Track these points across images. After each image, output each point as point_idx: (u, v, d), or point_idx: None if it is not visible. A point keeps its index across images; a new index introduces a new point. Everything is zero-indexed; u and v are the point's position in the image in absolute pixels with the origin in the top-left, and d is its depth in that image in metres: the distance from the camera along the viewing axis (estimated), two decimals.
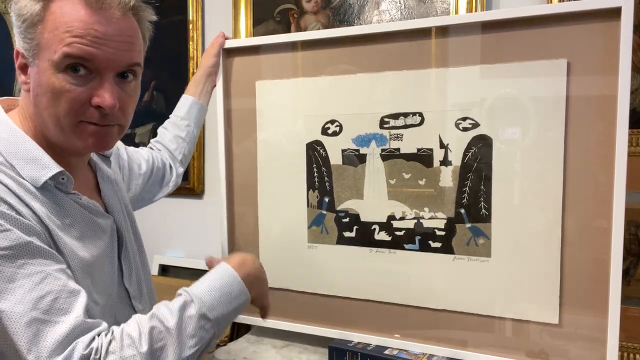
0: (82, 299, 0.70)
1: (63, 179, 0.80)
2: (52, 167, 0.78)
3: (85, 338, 0.68)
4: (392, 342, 1.19)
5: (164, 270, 1.71)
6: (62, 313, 0.68)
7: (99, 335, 0.69)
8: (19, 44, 0.76)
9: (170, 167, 1.23)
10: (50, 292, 0.68)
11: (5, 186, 0.73)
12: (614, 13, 0.96)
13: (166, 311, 0.73)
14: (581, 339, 1.04)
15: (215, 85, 1.32)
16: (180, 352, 0.71)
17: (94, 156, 0.94)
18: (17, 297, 0.66)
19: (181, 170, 1.26)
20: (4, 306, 0.66)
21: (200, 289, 0.77)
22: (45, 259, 0.70)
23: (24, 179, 0.76)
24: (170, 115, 1.28)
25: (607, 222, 0.99)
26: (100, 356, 0.67)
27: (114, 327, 0.72)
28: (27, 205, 0.74)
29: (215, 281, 0.79)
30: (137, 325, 0.71)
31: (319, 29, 1.46)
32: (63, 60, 0.72)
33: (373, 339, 1.21)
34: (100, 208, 0.88)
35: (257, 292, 0.88)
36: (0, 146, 0.77)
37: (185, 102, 1.27)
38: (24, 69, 0.77)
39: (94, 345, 0.67)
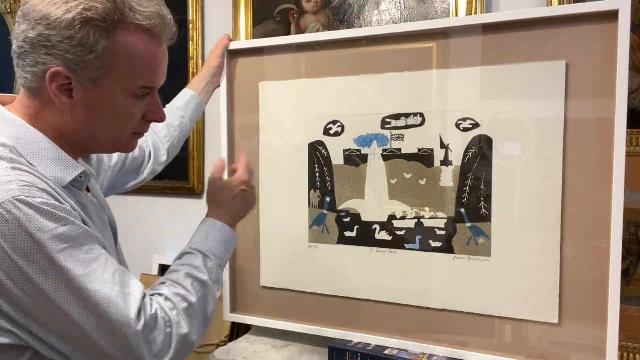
0: (130, 274, 0.79)
1: (81, 177, 0.81)
2: (75, 167, 0.80)
3: (145, 302, 0.76)
4: (392, 342, 1.20)
5: (164, 270, 1.71)
6: (128, 285, 0.75)
7: (148, 297, 0.78)
8: (67, 67, 0.74)
9: (150, 154, 1.21)
10: (116, 270, 0.75)
11: (46, 184, 0.74)
12: (612, 15, 0.97)
13: (194, 270, 0.85)
14: (581, 338, 1.04)
15: (218, 86, 1.33)
16: (215, 296, 0.86)
17: None
18: (99, 278, 0.72)
19: (164, 158, 1.23)
20: (95, 287, 0.71)
21: (208, 244, 0.89)
22: (99, 243, 0.77)
23: (47, 178, 0.76)
24: (167, 105, 1.27)
25: (606, 222, 1.00)
26: (166, 313, 0.77)
27: (161, 289, 0.81)
28: (64, 200, 0.75)
29: (217, 234, 0.92)
30: (179, 284, 0.82)
31: (318, 29, 1.46)
32: (140, 90, 0.79)
33: (373, 339, 1.22)
34: (97, 203, 0.89)
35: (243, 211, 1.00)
36: (18, 147, 0.76)
37: (185, 95, 1.27)
38: (68, 91, 0.76)
39: (155, 306, 0.76)
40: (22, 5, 0.75)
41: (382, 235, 1.20)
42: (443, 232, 1.14)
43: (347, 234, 1.24)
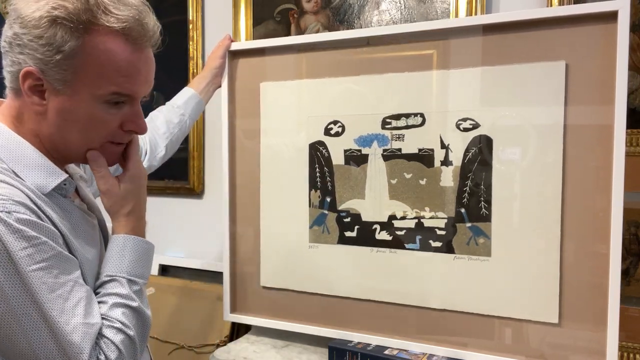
0: (96, 301, 0.78)
1: (65, 184, 0.80)
2: (58, 174, 0.78)
3: (98, 341, 0.75)
4: (392, 342, 1.20)
5: (164, 270, 1.71)
6: (91, 316, 0.74)
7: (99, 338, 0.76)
8: (38, 67, 0.73)
9: (146, 152, 1.19)
10: (81, 299, 0.74)
11: (24, 193, 0.72)
12: (611, 16, 0.98)
13: (124, 299, 0.80)
14: (581, 339, 1.04)
15: (219, 87, 1.34)
16: (150, 318, 0.84)
17: None
18: (59, 307, 0.71)
19: (162, 154, 1.22)
20: (52, 315, 0.70)
21: (127, 266, 0.83)
22: (71, 266, 0.75)
23: (28, 186, 0.75)
24: (166, 103, 1.27)
25: (606, 223, 1.00)
26: (115, 345, 0.76)
27: (103, 330, 0.77)
28: (42, 212, 0.74)
29: (134, 254, 0.84)
30: (116, 318, 0.78)
31: (318, 29, 1.46)
32: (111, 96, 0.76)
33: (373, 339, 1.22)
34: (86, 208, 0.88)
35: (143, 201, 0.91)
36: (0, 152, 0.75)
37: (185, 94, 1.27)
38: (40, 92, 0.75)
39: (105, 349, 0.75)
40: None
41: (382, 235, 1.20)
42: (443, 232, 1.15)
43: (348, 234, 1.24)
